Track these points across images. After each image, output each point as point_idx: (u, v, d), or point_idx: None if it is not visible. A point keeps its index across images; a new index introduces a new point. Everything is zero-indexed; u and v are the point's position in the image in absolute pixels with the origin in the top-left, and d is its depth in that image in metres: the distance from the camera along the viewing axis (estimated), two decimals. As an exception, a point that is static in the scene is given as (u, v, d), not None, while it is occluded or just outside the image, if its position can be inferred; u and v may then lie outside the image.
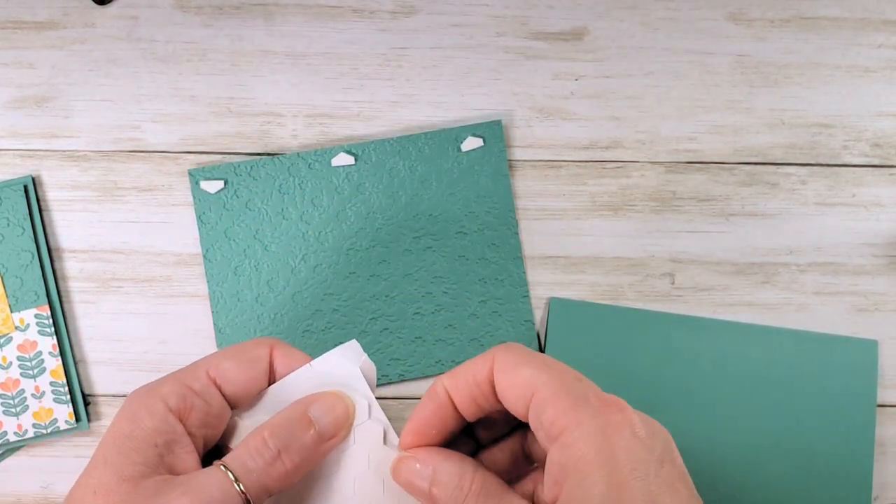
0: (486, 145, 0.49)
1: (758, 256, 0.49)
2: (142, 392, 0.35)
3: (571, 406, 0.31)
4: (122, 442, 0.34)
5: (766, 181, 0.50)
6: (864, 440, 0.47)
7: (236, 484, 0.34)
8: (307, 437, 0.35)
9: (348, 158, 0.48)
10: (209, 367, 0.36)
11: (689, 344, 0.48)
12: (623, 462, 0.30)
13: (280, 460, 0.35)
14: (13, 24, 0.49)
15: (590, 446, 0.31)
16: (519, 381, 0.33)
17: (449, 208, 0.49)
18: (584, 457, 0.31)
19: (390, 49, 0.50)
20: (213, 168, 0.48)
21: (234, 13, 0.50)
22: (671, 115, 0.50)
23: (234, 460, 0.34)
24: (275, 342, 0.38)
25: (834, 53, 0.51)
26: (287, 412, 0.36)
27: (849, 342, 0.48)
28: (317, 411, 0.36)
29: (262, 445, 0.35)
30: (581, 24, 0.50)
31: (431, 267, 0.48)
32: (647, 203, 0.49)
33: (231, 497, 0.33)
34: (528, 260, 0.49)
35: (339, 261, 0.48)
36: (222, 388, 0.36)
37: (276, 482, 0.35)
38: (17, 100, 0.49)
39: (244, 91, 0.49)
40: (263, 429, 0.35)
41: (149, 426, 0.34)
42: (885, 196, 0.50)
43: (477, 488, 0.34)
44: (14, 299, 0.47)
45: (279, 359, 0.38)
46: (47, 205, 0.49)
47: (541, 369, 0.33)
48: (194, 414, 0.35)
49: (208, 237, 0.48)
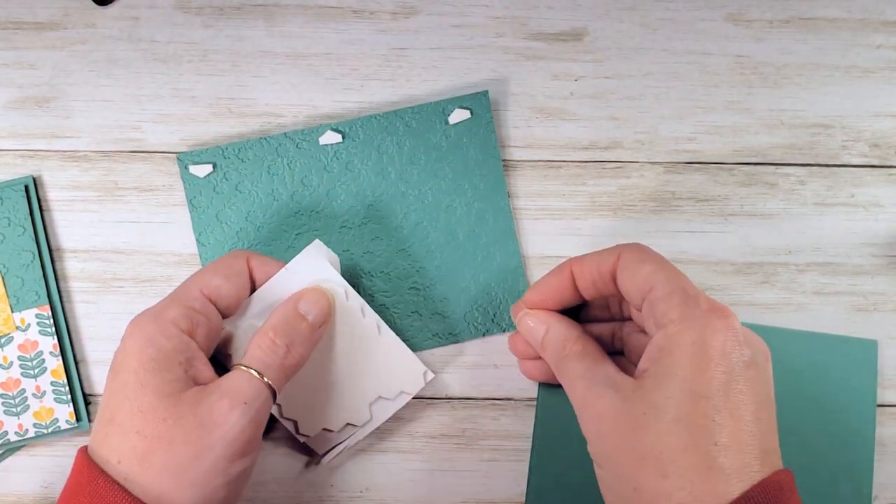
0: (473, 117, 0.49)
1: (757, 256, 0.49)
2: (149, 318, 0.39)
3: (682, 303, 0.36)
4: (151, 365, 0.38)
5: (765, 181, 0.50)
6: (864, 441, 0.47)
7: (261, 377, 0.39)
8: (305, 329, 0.41)
9: (336, 136, 0.48)
10: (202, 286, 0.41)
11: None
12: (712, 356, 0.35)
13: (290, 353, 0.40)
14: (14, 24, 0.50)
15: (688, 337, 0.36)
16: (640, 276, 0.38)
17: (439, 182, 0.49)
18: (680, 344, 0.36)
19: (390, 50, 0.50)
20: (202, 152, 0.48)
21: (235, 14, 0.50)
22: (670, 116, 0.50)
23: (253, 360, 0.40)
24: (249, 253, 0.43)
25: (833, 54, 0.51)
26: (281, 311, 0.41)
27: (848, 342, 0.48)
28: (305, 306, 0.42)
29: (272, 344, 0.40)
30: (581, 24, 0.50)
31: (424, 241, 0.48)
32: (647, 203, 0.50)
33: (261, 391, 0.39)
34: (528, 260, 0.49)
35: (332, 239, 0.48)
36: (216, 302, 0.41)
37: (290, 370, 0.41)
38: (18, 100, 0.49)
39: (245, 91, 0.50)
40: (268, 329, 0.40)
41: (170, 347, 0.38)
42: (883, 196, 0.50)
43: (579, 349, 0.40)
44: (15, 299, 0.47)
45: (257, 268, 0.43)
46: (48, 205, 0.49)
47: (661, 268, 0.38)
48: (200, 330, 0.40)
49: (200, 221, 0.48)
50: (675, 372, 0.35)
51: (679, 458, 0.34)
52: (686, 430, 0.34)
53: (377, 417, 0.45)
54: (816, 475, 0.46)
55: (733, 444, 0.35)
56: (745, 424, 0.35)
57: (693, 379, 0.35)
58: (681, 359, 0.35)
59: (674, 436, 0.34)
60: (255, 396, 0.38)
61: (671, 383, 0.35)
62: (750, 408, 0.35)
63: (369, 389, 0.44)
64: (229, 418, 0.37)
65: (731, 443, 0.34)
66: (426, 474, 0.47)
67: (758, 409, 0.36)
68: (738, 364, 0.36)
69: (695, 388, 0.35)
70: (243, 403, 0.38)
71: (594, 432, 0.37)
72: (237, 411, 0.37)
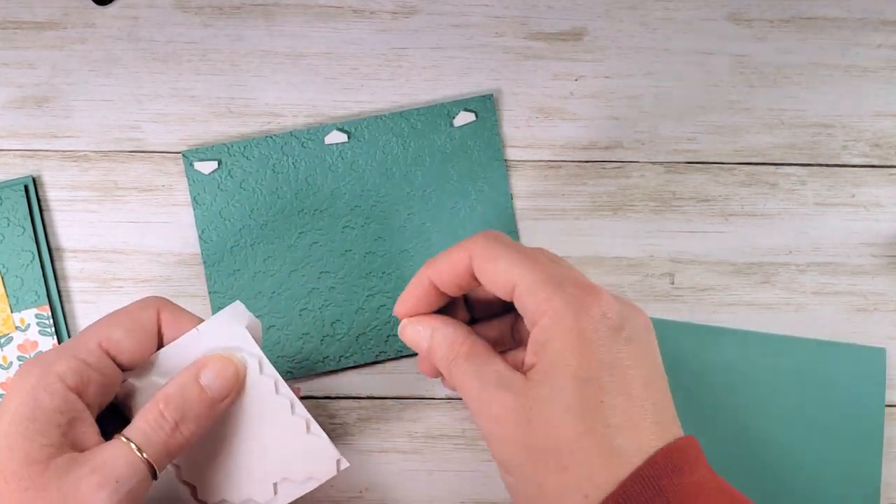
0: (478, 120, 0.49)
1: (757, 256, 0.49)
2: (35, 370, 0.36)
3: (548, 294, 0.35)
4: (25, 425, 0.34)
5: (766, 181, 0.50)
6: (872, 447, 0.47)
7: (140, 454, 0.35)
8: (201, 404, 0.37)
9: (341, 136, 0.48)
10: (100, 339, 0.37)
11: (699, 353, 0.48)
12: (591, 338, 0.34)
13: (178, 430, 0.36)
14: (13, 24, 0.50)
15: (563, 325, 0.35)
16: (498, 275, 0.36)
17: (443, 184, 0.49)
18: (557, 334, 0.35)
19: (390, 49, 0.50)
20: (207, 149, 0.48)
21: (235, 13, 0.50)
22: (670, 116, 0.50)
23: (136, 432, 0.36)
24: (161, 303, 0.39)
25: (833, 54, 0.51)
26: (179, 380, 0.38)
27: (856, 350, 0.48)
28: (207, 376, 0.38)
29: (159, 417, 0.36)
30: (580, 24, 0.50)
31: (427, 243, 0.48)
32: (647, 203, 0.50)
33: (137, 468, 0.35)
34: (528, 260, 0.49)
35: (335, 238, 0.48)
36: (115, 357, 0.37)
37: (176, 449, 0.37)
38: (18, 100, 0.49)
39: (244, 91, 0.50)
40: (158, 400, 0.37)
41: (50, 406, 0.35)
42: (884, 196, 0.50)
43: (466, 350, 0.38)
44: (14, 299, 0.47)
45: (167, 322, 0.39)
46: (48, 205, 0.49)
47: (517, 261, 0.36)
48: (91, 388, 0.36)
49: (203, 218, 0.48)
50: (557, 362, 0.34)
51: (575, 447, 0.33)
52: (578, 418, 0.34)
53: (281, 498, 0.40)
54: (824, 485, 0.46)
55: (627, 422, 0.34)
56: (636, 401, 0.34)
57: (576, 365, 0.34)
58: (560, 348, 0.35)
59: (567, 426, 0.34)
60: (130, 475, 0.35)
61: (556, 374, 0.34)
62: (638, 382, 0.34)
63: (275, 469, 0.40)
64: (95, 498, 0.33)
65: (625, 422, 0.34)
66: (426, 474, 0.47)
67: (647, 383, 0.35)
68: (619, 341, 0.35)
69: (579, 374, 0.34)
70: (114, 482, 0.34)
71: (495, 436, 0.36)
72: (105, 491, 0.34)
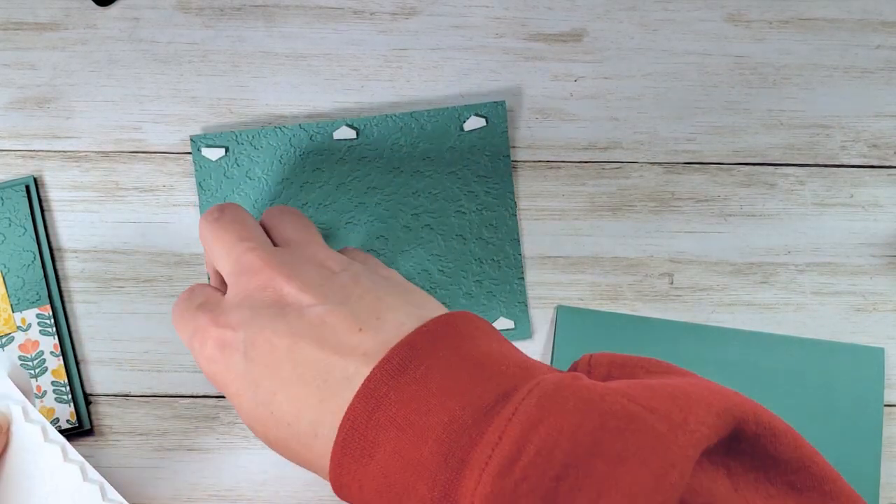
0: (488, 126, 0.49)
1: (756, 256, 0.49)
2: None
3: (229, 272, 0.38)
4: None
5: (765, 182, 0.50)
6: (871, 447, 0.47)
7: None
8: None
9: (350, 132, 0.48)
10: None
11: (699, 353, 0.48)
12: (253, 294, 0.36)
13: None
14: (14, 24, 0.50)
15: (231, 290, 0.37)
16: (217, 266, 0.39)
17: (449, 187, 0.49)
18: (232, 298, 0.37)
19: (390, 50, 0.50)
20: (215, 135, 0.48)
21: (235, 14, 0.50)
22: (670, 116, 0.50)
23: None
24: None
25: (832, 54, 0.51)
26: None
27: (855, 350, 0.48)
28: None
29: None
30: (580, 25, 0.51)
31: (429, 244, 0.48)
32: (646, 203, 0.50)
33: None
34: (528, 260, 0.49)
35: (338, 234, 0.48)
36: None
37: None
38: (19, 101, 0.49)
39: (245, 92, 0.50)
40: None
41: None
42: (883, 196, 0.50)
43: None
44: (16, 299, 0.47)
45: None
46: (49, 205, 0.49)
47: (217, 256, 0.38)
48: None
49: (208, 204, 0.48)
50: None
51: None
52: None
53: None
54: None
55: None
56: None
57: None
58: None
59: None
60: None
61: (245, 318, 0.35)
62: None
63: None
64: None
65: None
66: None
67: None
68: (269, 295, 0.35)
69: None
70: None
71: (243, 415, 0.34)
72: None
